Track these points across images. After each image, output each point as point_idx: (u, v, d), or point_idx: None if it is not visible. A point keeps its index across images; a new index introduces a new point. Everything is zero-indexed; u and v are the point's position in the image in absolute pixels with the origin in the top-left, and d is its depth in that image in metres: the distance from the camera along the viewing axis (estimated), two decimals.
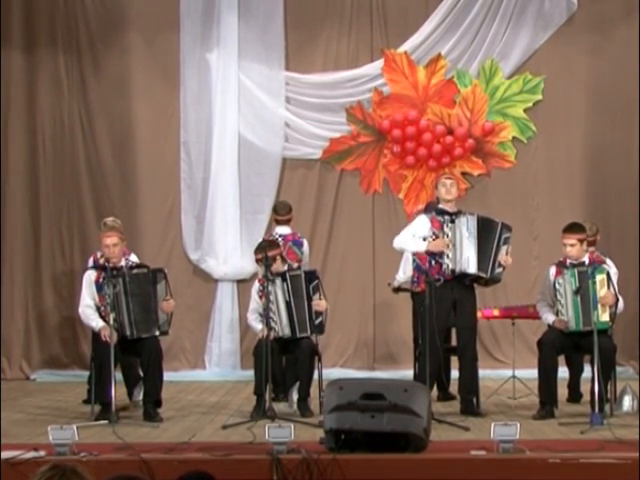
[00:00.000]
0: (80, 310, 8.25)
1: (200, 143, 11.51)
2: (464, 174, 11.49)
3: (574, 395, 9.00)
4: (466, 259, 8.16)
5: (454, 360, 8.65)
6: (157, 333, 8.08)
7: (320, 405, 7.95)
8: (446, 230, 8.24)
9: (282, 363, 8.94)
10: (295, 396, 8.43)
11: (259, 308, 8.47)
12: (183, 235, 11.56)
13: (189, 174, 11.54)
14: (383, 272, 10.79)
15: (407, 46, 11.53)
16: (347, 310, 11.40)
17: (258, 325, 8.43)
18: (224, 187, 11.42)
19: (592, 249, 8.79)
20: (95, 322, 8.05)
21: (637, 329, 11.04)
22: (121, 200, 11.53)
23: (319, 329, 8.44)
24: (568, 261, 8.14)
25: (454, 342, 8.69)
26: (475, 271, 8.19)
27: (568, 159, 11.57)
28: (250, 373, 8.71)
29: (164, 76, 11.58)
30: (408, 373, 9.49)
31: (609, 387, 7.99)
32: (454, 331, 8.58)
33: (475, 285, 8.43)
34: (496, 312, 9.37)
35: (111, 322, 7.84)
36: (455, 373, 8.63)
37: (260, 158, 11.50)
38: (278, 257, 8.50)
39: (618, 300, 7.92)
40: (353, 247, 11.59)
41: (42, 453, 5.98)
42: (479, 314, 8.84)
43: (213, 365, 11.42)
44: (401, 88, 11.55)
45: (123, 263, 8.21)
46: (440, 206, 8.42)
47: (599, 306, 7.79)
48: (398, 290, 9.51)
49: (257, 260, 8.52)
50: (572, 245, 8.10)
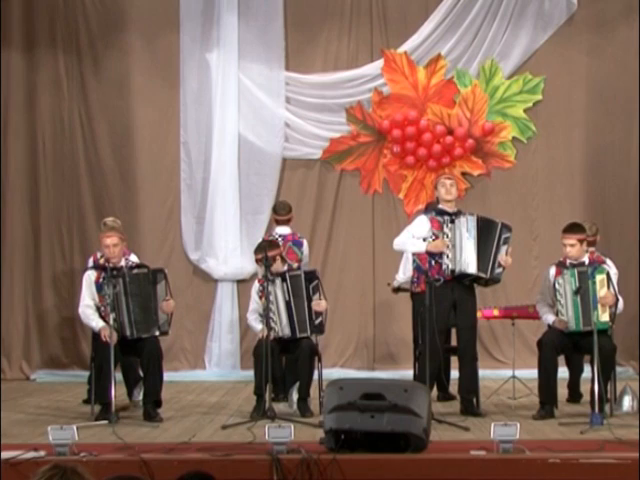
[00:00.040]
0: (80, 310, 8.24)
1: (200, 143, 11.51)
2: (464, 174, 11.49)
3: (574, 395, 9.00)
4: (466, 259, 8.16)
5: (454, 360, 8.64)
6: (157, 333, 8.08)
7: (320, 405, 7.95)
8: (446, 230, 8.24)
9: (282, 363, 8.94)
10: (295, 396, 8.42)
11: (259, 308, 8.46)
12: (183, 235, 11.56)
13: (189, 174, 11.53)
14: (383, 272, 10.80)
15: (407, 46, 11.52)
16: (347, 310, 11.40)
17: (258, 325, 8.43)
18: (224, 187, 11.41)
19: (592, 249, 8.79)
20: (95, 322, 8.05)
21: (637, 329, 11.04)
22: (121, 200, 11.53)
23: (319, 329, 8.43)
24: (568, 261, 8.13)
25: (454, 342, 8.68)
26: (475, 271, 8.18)
27: (568, 159, 11.57)
28: (250, 373, 8.70)
29: (164, 76, 11.58)
30: (408, 373, 9.48)
31: (609, 387, 7.99)
32: (454, 331, 8.58)
33: (475, 285, 8.42)
34: (496, 312, 9.36)
35: (111, 322, 7.84)
36: (455, 373, 8.62)
37: (260, 158, 11.49)
38: (278, 257, 8.49)
39: (618, 300, 7.92)
40: (353, 247, 11.58)
41: (42, 453, 5.98)
42: (479, 314, 8.84)
43: (213, 365, 11.42)
44: (401, 88, 11.55)
45: (123, 263, 8.21)
46: (440, 206, 8.41)
47: (599, 306, 7.78)
48: (398, 290, 9.52)
49: (257, 260, 8.51)
50: (572, 245, 8.10)
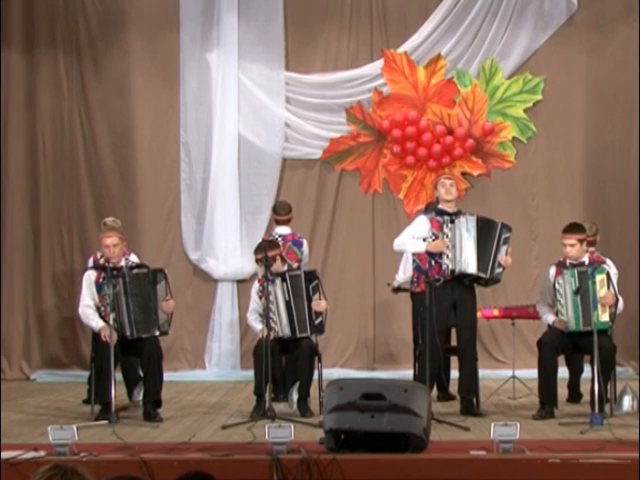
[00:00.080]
0: (80, 310, 8.24)
1: (200, 143, 11.51)
2: (464, 174, 11.49)
3: (574, 395, 9.00)
4: (466, 259, 8.15)
5: (454, 360, 8.64)
6: (157, 333, 8.08)
7: (320, 405, 7.95)
8: (446, 230, 8.23)
9: (282, 363, 8.94)
10: (295, 396, 8.42)
11: (259, 308, 8.46)
12: (183, 235, 11.55)
13: (189, 174, 11.53)
14: (383, 272, 10.80)
15: (407, 46, 11.52)
16: (347, 310, 11.40)
17: (258, 325, 8.42)
18: (224, 187, 11.41)
19: (592, 249, 8.79)
20: (95, 322, 8.05)
21: (637, 329, 11.04)
22: (121, 200, 11.53)
23: (319, 329, 8.43)
24: (568, 261, 8.13)
25: (454, 342, 8.68)
26: (475, 271, 8.18)
27: (568, 159, 11.57)
28: (250, 373, 8.70)
29: (164, 76, 11.58)
30: (408, 373, 9.48)
31: (609, 387, 7.99)
32: (454, 331, 8.57)
33: (475, 285, 8.42)
34: (496, 312, 9.36)
35: (111, 322, 7.84)
36: (455, 373, 8.62)
37: (260, 158, 11.49)
38: (278, 257, 8.48)
39: (618, 300, 7.92)
40: (353, 247, 11.58)
41: (42, 453, 5.98)
42: (479, 314, 8.84)
43: (213, 365, 11.42)
44: (401, 88, 11.55)
45: (123, 263, 8.20)
46: (440, 206, 8.41)
47: (599, 306, 7.78)
48: (398, 290, 9.52)
49: (257, 260, 8.50)
50: (572, 245, 8.10)
